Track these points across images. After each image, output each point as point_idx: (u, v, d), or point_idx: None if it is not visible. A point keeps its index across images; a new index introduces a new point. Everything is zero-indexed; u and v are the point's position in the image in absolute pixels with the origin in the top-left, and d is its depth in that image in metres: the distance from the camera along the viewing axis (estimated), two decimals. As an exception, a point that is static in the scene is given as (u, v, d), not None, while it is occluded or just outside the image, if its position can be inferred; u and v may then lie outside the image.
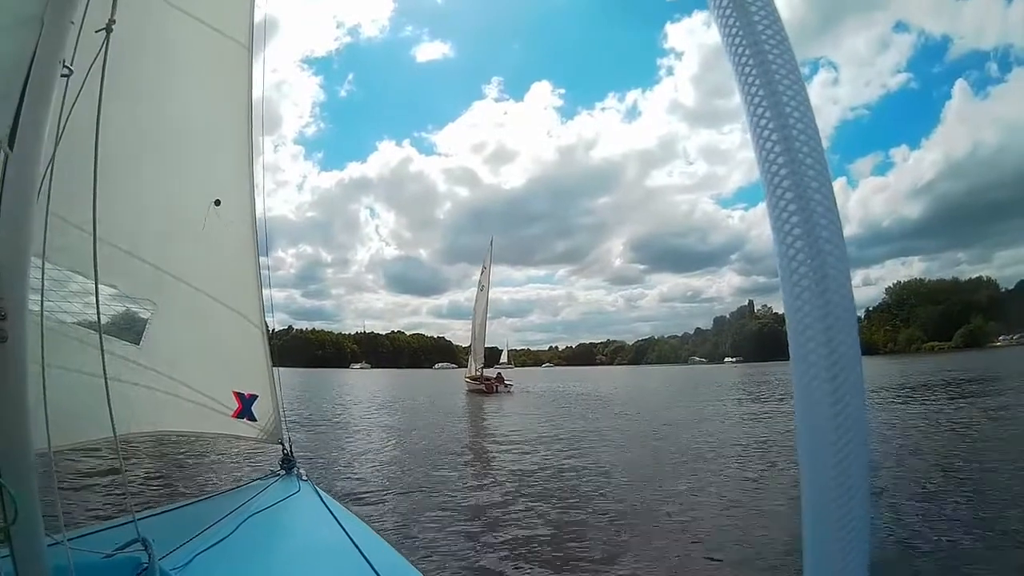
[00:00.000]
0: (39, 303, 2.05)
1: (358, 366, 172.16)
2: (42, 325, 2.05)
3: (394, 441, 17.70)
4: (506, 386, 43.89)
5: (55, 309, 3.00)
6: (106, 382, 2.44)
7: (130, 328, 3.80)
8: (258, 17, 4.11)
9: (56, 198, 1.98)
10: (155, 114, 3.56)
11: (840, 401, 0.64)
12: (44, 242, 1.98)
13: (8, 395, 1.69)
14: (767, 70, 0.73)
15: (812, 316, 0.66)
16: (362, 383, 68.88)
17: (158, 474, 11.11)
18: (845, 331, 0.65)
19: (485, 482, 11.39)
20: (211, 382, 4.31)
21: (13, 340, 1.70)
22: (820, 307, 0.65)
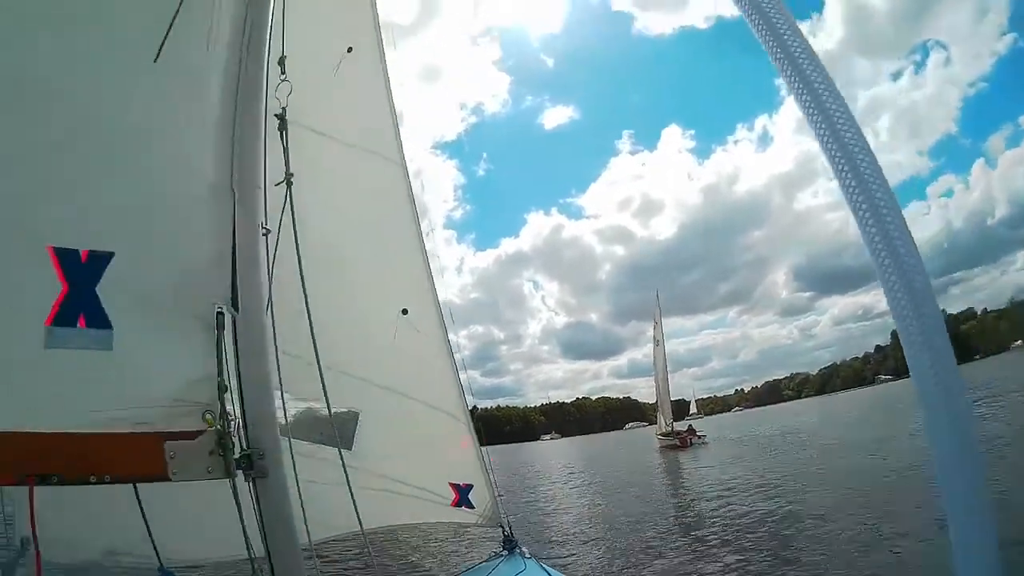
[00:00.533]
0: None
1: (548, 437, 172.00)
2: (291, 451, 2.33)
3: (600, 507, 17.45)
4: (699, 437, 42.94)
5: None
6: (349, 486, 3.03)
7: (342, 436, 4.19)
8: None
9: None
10: (338, 242, 4.06)
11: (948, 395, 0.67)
12: (279, 380, 2.26)
13: (275, 515, 1.96)
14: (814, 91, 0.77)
15: (909, 322, 0.69)
16: (555, 453, 69.06)
17: (393, 563, 11.84)
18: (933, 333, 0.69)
19: (710, 543, 10.56)
20: (427, 476, 4.69)
21: (272, 474, 1.99)
22: (913, 315, 0.69)
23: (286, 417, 2.45)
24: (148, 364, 2.00)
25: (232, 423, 2.02)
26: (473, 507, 4.86)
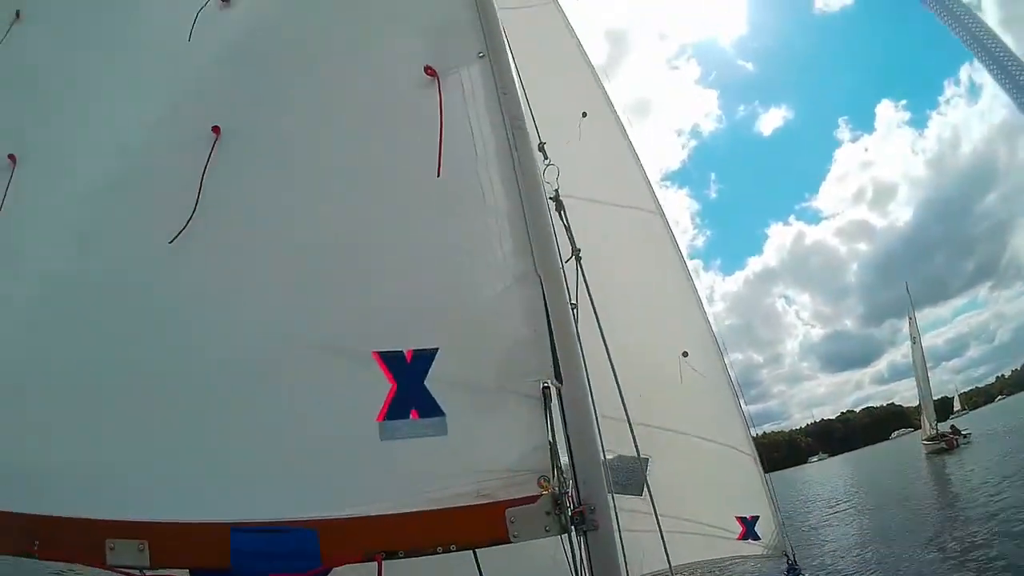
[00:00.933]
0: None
1: (816, 458, 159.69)
2: (614, 503, 2.41)
3: (871, 525, 16.82)
4: (963, 436, 40.99)
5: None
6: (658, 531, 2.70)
7: (632, 483, 4.27)
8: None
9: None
10: (619, 299, 4.25)
11: None
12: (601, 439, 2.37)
13: (606, 565, 2.05)
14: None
15: None
16: (825, 474, 65.97)
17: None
18: None
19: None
20: (714, 512, 4.76)
21: (603, 526, 2.07)
22: None
23: (606, 472, 2.54)
24: (483, 441, 2.19)
25: (565, 483, 2.13)
26: (759, 538, 4.86)
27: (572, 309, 2.37)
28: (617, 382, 2.70)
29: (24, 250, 2.81)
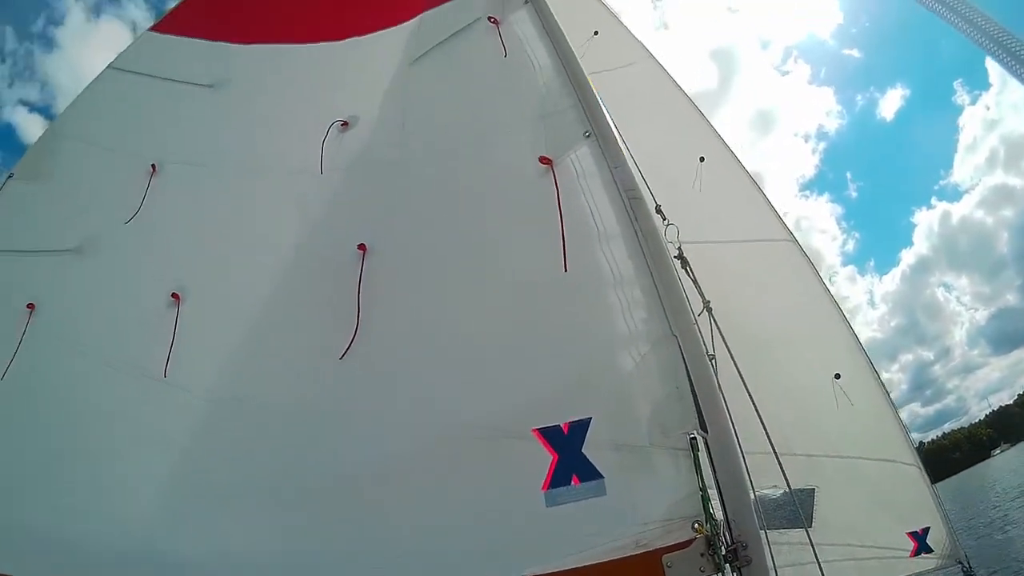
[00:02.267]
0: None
1: (998, 451, 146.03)
2: (767, 539, 2.50)
3: None
4: None
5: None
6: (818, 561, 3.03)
7: (798, 517, 4.21)
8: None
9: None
10: (762, 338, 4.36)
11: None
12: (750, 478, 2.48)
13: None
14: None
15: None
16: (1008, 465, 58.77)
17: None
18: None
19: None
20: (885, 533, 4.62)
21: (756, 561, 2.16)
22: None
23: (757, 509, 2.62)
24: (638, 496, 2.34)
25: (717, 524, 2.23)
26: (932, 550, 4.71)
27: (711, 360, 2.51)
28: (761, 420, 2.78)
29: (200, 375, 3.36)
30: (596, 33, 5.04)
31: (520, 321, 2.81)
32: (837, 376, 4.45)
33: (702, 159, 4.60)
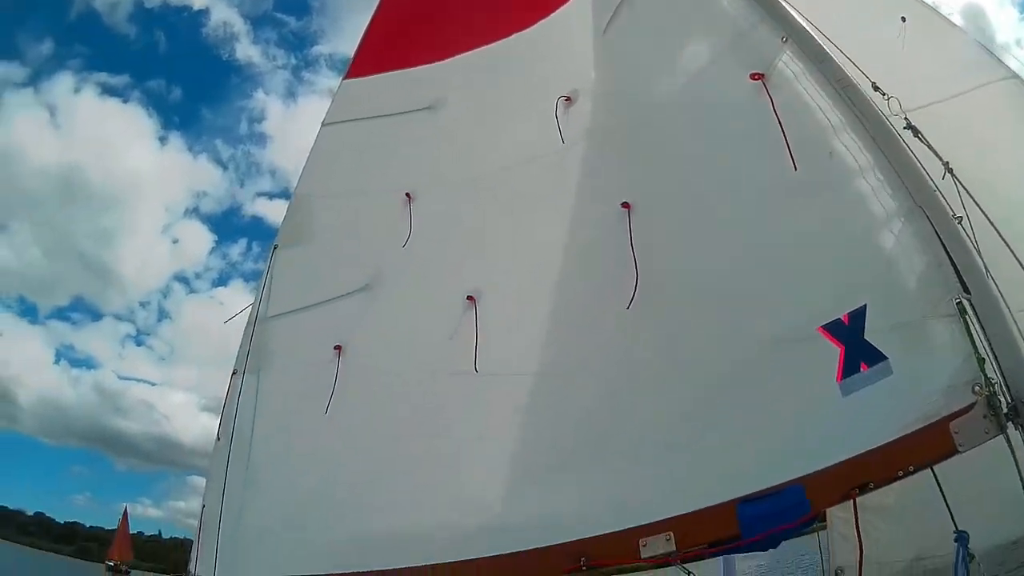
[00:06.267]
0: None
1: None
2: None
3: None
4: None
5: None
6: None
7: None
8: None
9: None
10: (1012, 180, 4.05)
11: None
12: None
13: None
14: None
15: None
16: None
17: None
18: None
19: None
20: None
21: None
22: None
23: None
24: (920, 367, 2.41)
25: (994, 384, 2.22)
26: None
27: (959, 221, 2.51)
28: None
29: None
30: None
31: (775, 235, 2.96)
32: None
33: (904, 19, 4.32)
